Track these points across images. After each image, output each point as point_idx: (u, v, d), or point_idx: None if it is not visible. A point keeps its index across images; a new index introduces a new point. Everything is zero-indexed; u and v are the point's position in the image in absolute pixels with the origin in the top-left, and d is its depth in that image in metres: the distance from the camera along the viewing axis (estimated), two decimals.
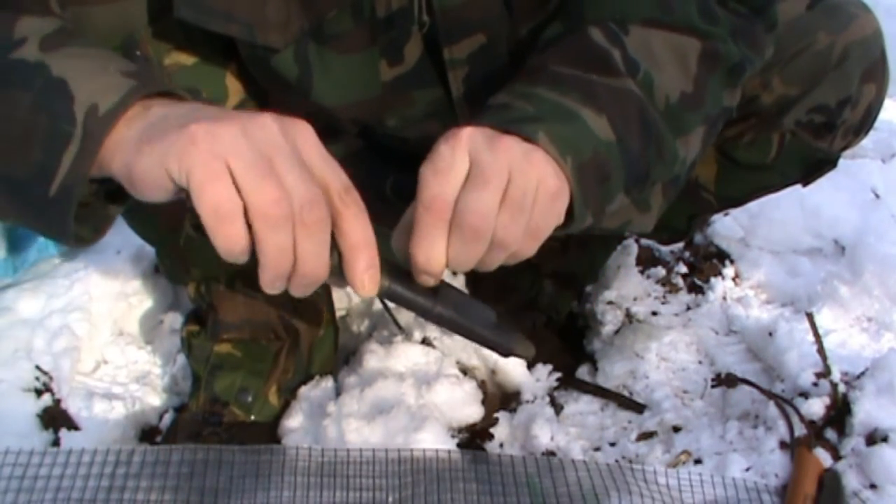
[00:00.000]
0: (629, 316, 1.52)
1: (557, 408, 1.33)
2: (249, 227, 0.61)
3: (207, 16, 0.83)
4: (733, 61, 0.87)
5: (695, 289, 1.60)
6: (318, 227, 0.62)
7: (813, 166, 1.16)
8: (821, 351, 1.28)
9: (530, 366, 1.35)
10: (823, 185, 1.23)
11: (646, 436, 1.29)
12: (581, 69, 0.80)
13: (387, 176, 1.10)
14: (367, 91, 0.95)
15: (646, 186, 0.86)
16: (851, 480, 1.14)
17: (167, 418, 1.31)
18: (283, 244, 0.62)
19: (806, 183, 1.19)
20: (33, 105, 0.67)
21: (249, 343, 1.26)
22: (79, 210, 0.68)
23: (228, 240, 0.61)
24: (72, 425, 1.25)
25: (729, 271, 1.62)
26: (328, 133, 1.07)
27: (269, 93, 1.02)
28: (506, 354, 0.79)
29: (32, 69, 0.69)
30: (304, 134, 0.65)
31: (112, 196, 0.72)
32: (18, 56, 0.70)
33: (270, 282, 0.64)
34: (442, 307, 0.73)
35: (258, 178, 0.60)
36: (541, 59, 0.83)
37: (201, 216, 0.61)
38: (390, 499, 1.08)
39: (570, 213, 0.75)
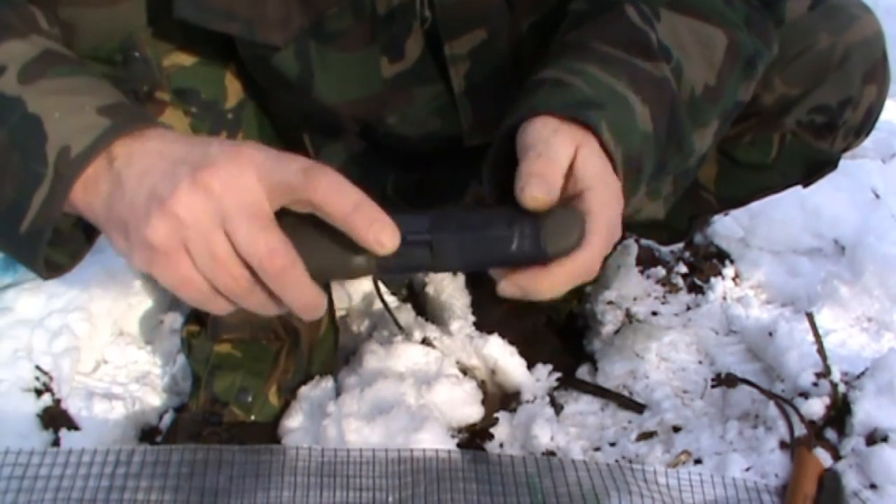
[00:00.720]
0: (629, 316, 1.52)
1: (557, 408, 1.33)
2: None
3: (208, 15, 0.83)
4: (749, 54, 0.87)
5: (695, 289, 1.60)
6: (285, 270, 0.62)
7: (813, 167, 1.15)
8: (821, 351, 1.28)
9: (530, 366, 1.35)
10: (823, 186, 1.23)
11: (646, 436, 1.29)
12: (623, 51, 0.78)
13: (388, 175, 1.09)
14: (368, 88, 0.95)
15: (662, 177, 0.84)
16: (851, 480, 1.14)
17: (167, 418, 1.31)
18: (261, 301, 0.64)
19: (806, 184, 1.19)
20: (8, 142, 0.67)
21: (249, 343, 1.26)
22: (55, 237, 0.68)
23: (220, 310, 0.65)
24: (72, 425, 1.25)
25: (729, 271, 1.62)
26: (329, 132, 1.07)
27: (268, 92, 1.02)
28: (545, 261, 0.66)
29: (9, 104, 0.68)
30: (248, 164, 0.62)
31: (89, 227, 0.72)
32: None
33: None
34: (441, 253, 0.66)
35: (214, 265, 0.62)
36: (580, 36, 0.81)
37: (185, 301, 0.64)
38: (390, 499, 1.08)
39: None
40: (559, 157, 0.68)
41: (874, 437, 1.17)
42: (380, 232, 0.62)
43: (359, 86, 0.95)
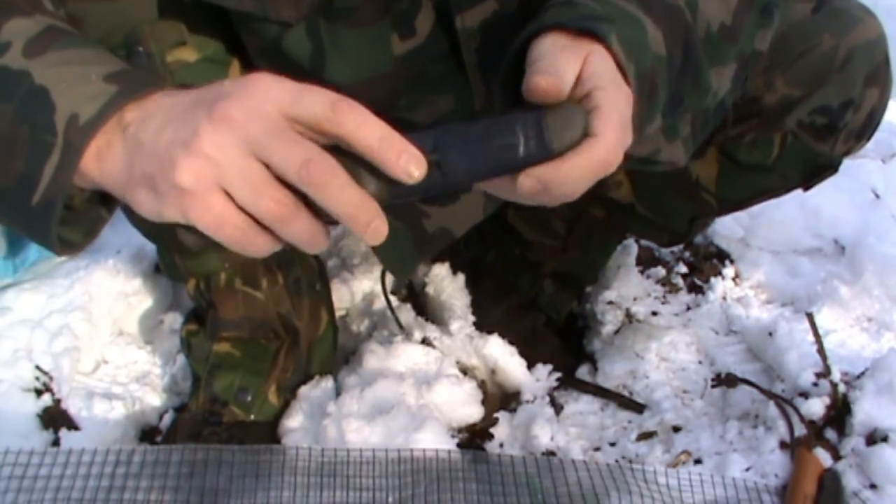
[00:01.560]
0: (629, 316, 1.52)
1: (557, 408, 1.33)
2: None
3: None
4: (764, 1, 0.88)
5: (695, 289, 1.60)
6: (327, 175, 0.60)
7: (814, 170, 1.16)
8: (821, 351, 1.28)
9: (530, 366, 1.35)
10: (823, 186, 1.23)
11: (646, 436, 1.29)
12: None
13: None
14: (380, 66, 0.93)
15: (678, 112, 0.84)
16: (851, 480, 1.14)
17: (167, 418, 1.31)
18: (307, 225, 0.61)
19: (807, 187, 1.19)
20: (15, 115, 0.67)
21: (248, 342, 1.26)
22: (68, 214, 0.68)
23: (262, 250, 0.62)
24: (72, 425, 1.25)
25: (729, 271, 1.62)
26: None
27: None
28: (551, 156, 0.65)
29: (15, 77, 0.68)
30: (264, 96, 0.61)
31: (104, 198, 0.72)
32: (2, 63, 0.69)
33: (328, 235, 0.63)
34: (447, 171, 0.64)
35: (253, 193, 0.60)
36: None
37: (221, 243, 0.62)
38: (390, 499, 1.08)
39: None
40: (567, 62, 0.68)
41: (874, 437, 1.17)
42: (408, 162, 0.61)
43: (370, 64, 0.93)
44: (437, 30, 0.92)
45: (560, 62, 0.68)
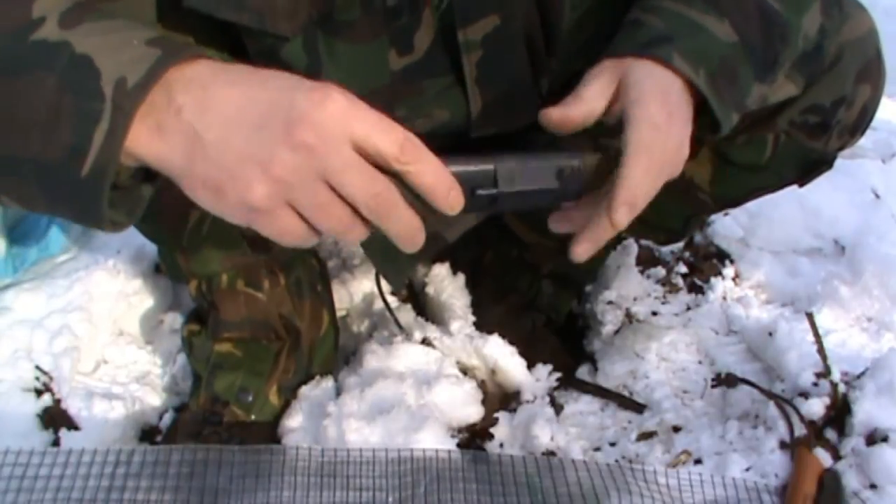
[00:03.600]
0: (629, 316, 1.52)
1: (557, 408, 1.33)
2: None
3: (217, 3, 0.82)
4: None
5: (695, 289, 1.60)
6: (387, 209, 0.67)
7: (808, 167, 1.15)
8: (821, 351, 1.28)
9: (530, 366, 1.35)
10: (823, 186, 1.23)
11: (646, 436, 1.29)
12: None
13: None
14: (377, 81, 0.94)
15: (776, 69, 0.91)
16: (851, 480, 1.14)
17: (167, 418, 1.31)
18: (361, 233, 0.68)
19: (802, 183, 1.19)
20: (58, 85, 0.66)
21: (250, 342, 1.26)
22: (111, 194, 0.67)
23: (309, 244, 0.69)
24: (72, 425, 1.25)
25: (729, 271, 1.62)
26: None
27: None
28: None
29: (55, 49, 0.67)
30: (341, 123, 0.65)
31: (147, 174, 0.72)
32: (39, 37, 0.67)
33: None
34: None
35: (320, 212, 0.66)
36: None
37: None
38: (390, 499, 1.08)
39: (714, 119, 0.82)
40: (600, 90, 0.79)
41: (874, 437, 1.17)
42: (454, 200, 0.70)
43: (367, 79, 0.94)
44: (436, 45, 0.93)
45: (590, 91, 0.79)
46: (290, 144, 0.63)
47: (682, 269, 1.63)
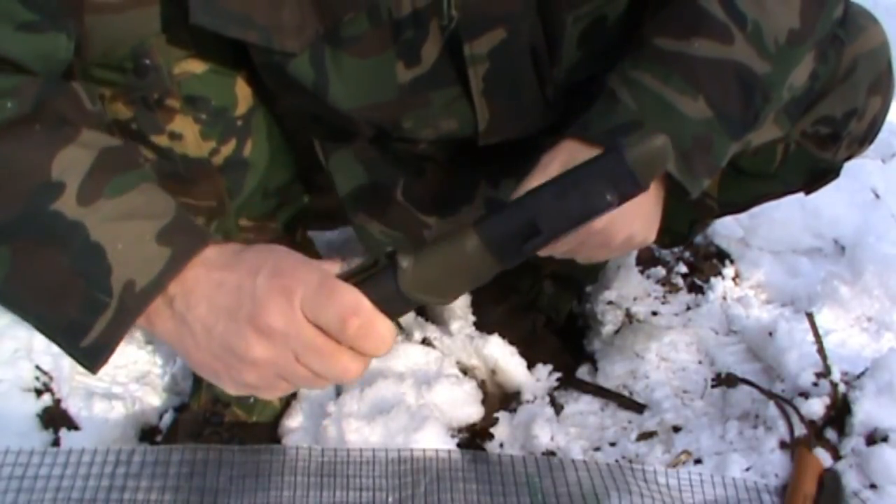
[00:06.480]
0: (629, 316, 1.52)
1: (557, 408, 1.33)
2: None
3: (224, 21, 0.83)
4: None
5: (695, 289, 1.60)
6: (359, 367, 0.68)
7: (816, 176, 1.15)
8: (821, 351, 1.28)
9: (530, 366, 1.35)
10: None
11: (646, 436, 1.29)
12: (684, 38, 0.87)
13: (397, 180, 1.09)
14: (384, 94, 0.95)
15: (758, 127, 0.93)
16: (851, 480, 1.14)
17: (167, 418, 1.31)
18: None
19: (809, 191, 1.19)
20: (71, 267, 0.69)
21: None
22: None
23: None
24: (72, 425, 1.25)
25: (729, 271, 1.62)
26: (340, 137, 1.08)
27: (280, 99, 1.01)
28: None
29: (70, 228, 0.69)
30: (292, 300, 0.66)
31: None
32: (57, 209, 0.69)
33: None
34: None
35: (309, 382, 0.69)
36: (648, 29, 0.90)
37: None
38: (390, 499, 1.08)
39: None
40: (551, 168, 0.84)
41: (874, 437, 1.17)
42: (390, 345, 0.69)
43: (374, 91, 0.95)
44: (443, 58, 0.93)
45: (551, 171, 0.82)
46: (256, 333, 0.66)
47: (682, 269, 1.63)
